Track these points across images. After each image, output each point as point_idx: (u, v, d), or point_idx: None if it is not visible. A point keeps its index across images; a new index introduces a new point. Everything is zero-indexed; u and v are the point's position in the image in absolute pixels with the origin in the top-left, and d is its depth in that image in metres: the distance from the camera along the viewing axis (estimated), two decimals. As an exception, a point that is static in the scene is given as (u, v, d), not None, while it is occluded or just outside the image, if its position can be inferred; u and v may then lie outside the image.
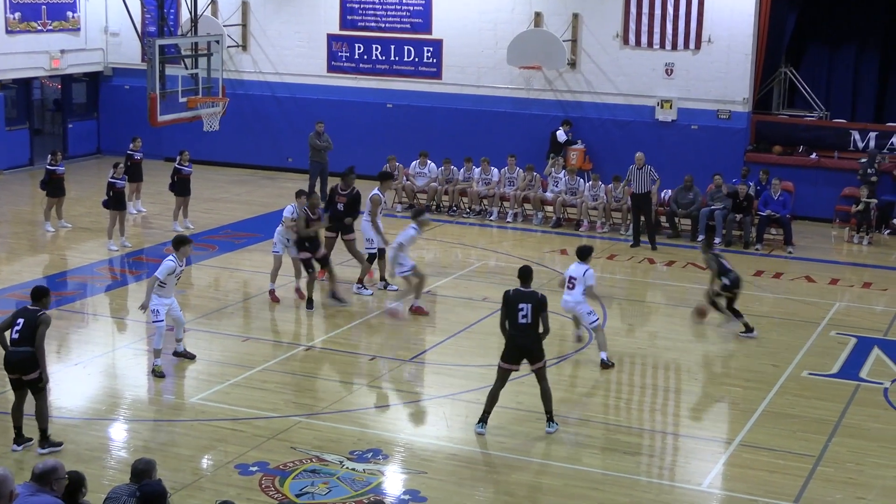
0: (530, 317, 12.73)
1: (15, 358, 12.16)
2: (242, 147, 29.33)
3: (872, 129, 24.92)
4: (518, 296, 12.87)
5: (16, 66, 28.16)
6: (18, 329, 12.12)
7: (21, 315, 12.25)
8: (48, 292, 12.56)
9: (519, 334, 12.85)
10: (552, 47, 25.61)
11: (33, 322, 12.10)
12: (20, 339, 12.11)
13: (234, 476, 11.85)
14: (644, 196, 22.37)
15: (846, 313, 18.57)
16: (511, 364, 13.02)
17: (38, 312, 12.22)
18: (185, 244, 15.09)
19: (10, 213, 24.45)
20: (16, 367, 12.19)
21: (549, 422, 13.24)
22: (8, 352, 12.24)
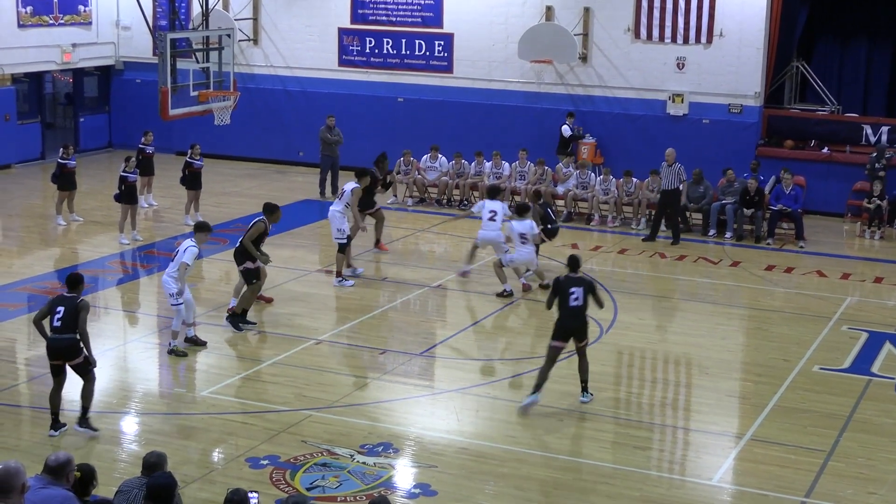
0: (582, 299, 13.72)
1: (59, 345, 12.36)
2: (253, 141, 29.36)
3: (885, 123, 24.85)
4: (569, 281, 13.80)
5: (27, 59, 28.23)
6: (60, 317, 12.30)
7: (60, 303, 12.42)
8: (83, 279, 12.82)
9: (570, 316, 13.72)
10: (563, 41, 25.56)
11: (73, 309, 12.29)
12: (63, 327, 12.30)
13: (244, 469, 11.88)
14: (673, 193, 22.34)
15: (858, 308, 18.53)
16: (560, 341, 13.81)
17: (76, 299, 12.42)
18: (205, 230, 15.65)
19: (22, 206, 24.51)
20: (60, 354, 12.40)
21: (584, 392, 14.05)
22: (51, 339, 12.41)
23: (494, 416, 13.67)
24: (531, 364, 15.32)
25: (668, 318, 18.07)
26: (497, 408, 13.89)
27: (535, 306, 18.12)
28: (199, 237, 15.47)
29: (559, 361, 15.34)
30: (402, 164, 25.37)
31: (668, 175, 22.34)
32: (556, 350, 13.82)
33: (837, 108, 25.94)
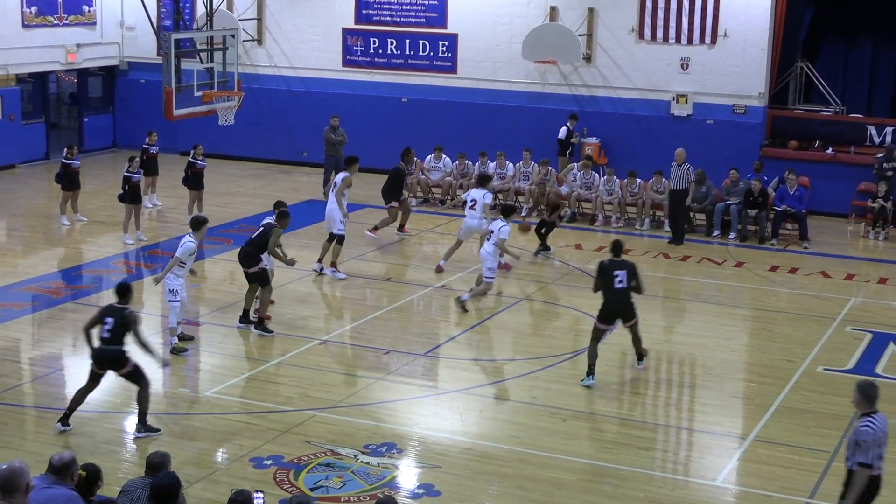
0: (626, 282, 14.34)
1: (105, 356, 12.42)
2: (257, 141, 29.38)
3: (889, 123, 24.82)
4: (613, 265, 14.46)
5: (32, 60, 28.26)
6: (109, 328, 12.33)
7: (109, 314, 12.44)
8: (131, 289, 12.82)
9: (615, 298, 14.41)
10: (567, 42, 25.54)
11: (122, 321, 12.32)
12: (111, 338, 12.35)
13: (248, 469, 11.88)
14: (681, 193, 22.35)
15: (862, 309, 18.52)
16: (605, 324, 14.53)
17: (124, 311, 12.44)
18: (204, 224, 15.57)
19: (26, 206, 24.54)
20: (106, 365, 12.48)
21: (640, 360, 15.04)
22: (98, 349, 12.45)
23: (498, 417, 13.68)
24: (534, 364, 15.33)
25: (672, 319, 18.06)
26: (501, 408, 13.90)
27: (536, 306, 18.13)
28: (198, 233, 15.42)
29: (563, 363, 15.37)
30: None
31: (677, 175, 22.31)
32: (600, 331, 14.55)
33: (842, 108, 25.91)
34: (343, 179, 19.52)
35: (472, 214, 19.38)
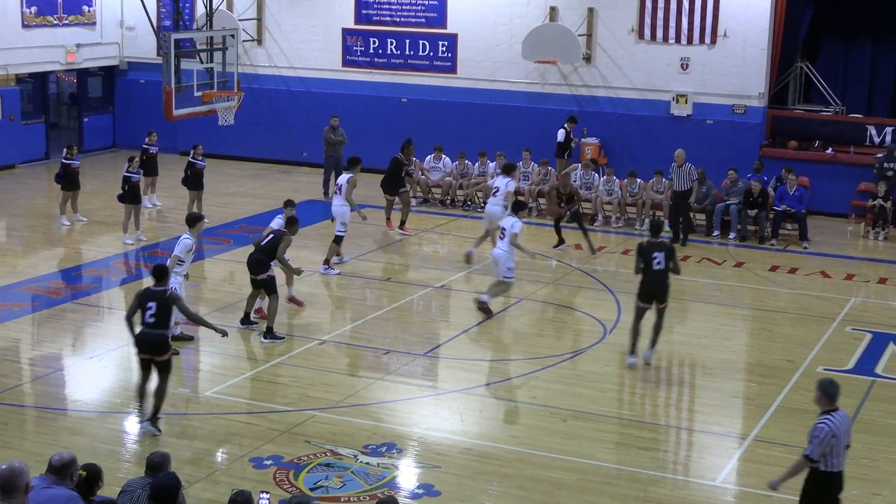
0: (664, 263, 14.82)
1: (150, 339, 12.47)
2: (257, 141, 29.37)
3: (889, 123, 24.82)
4: (651, 246, 14.94)
5: (32, 60, 28.25)
6: (153, 312, 12.38)
7: (150, 298, 12.48)
8: (168, 270, 12.96)
9: (653, 279, 14.90)
10: (567, 42, 25.55)
11: (165, 303, 12.40)
12: (156, 322, 12.42)
13: (248, 469, 11.88)
14: (684, 194, 22.36)
15: (862, 309, 18.52)
16: (645, 303, 15.01)
17: (165, 293, 12.53)
18: (199, 220, 15.60)
19: (26, 206, 24.53)
20: (149, 349, 12.50)
21: (651, 347, 15.30)
22: (142, 333, 12.50)
23: (498, 417, 13.68)
24: (534, 364, 15.33)
25: (672, 319, 17.96)
26: (501, 408, 13.90)
27: (536, 306, 18.13)
28: (194, 230, 15.38)
29: (563, 363, 15.38)
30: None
31: (679, 176, 22.30)
32: (642, 310, 15.04)
33: (842, 108, 25.91)
34: (349, 181, 19.58)
35: (494, 201, 19.93)
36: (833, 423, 9.54)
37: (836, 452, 9.58)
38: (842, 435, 9.59)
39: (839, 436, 9.55)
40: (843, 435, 9.61)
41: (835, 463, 9.62)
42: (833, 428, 9.51)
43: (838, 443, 9.56)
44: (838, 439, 9.55)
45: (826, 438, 9.49)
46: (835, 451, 9.58)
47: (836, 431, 9.51)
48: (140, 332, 12.54)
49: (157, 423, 12.67)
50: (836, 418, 9.59)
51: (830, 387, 9.71)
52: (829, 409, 9.65)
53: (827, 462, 9.60)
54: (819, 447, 9.52)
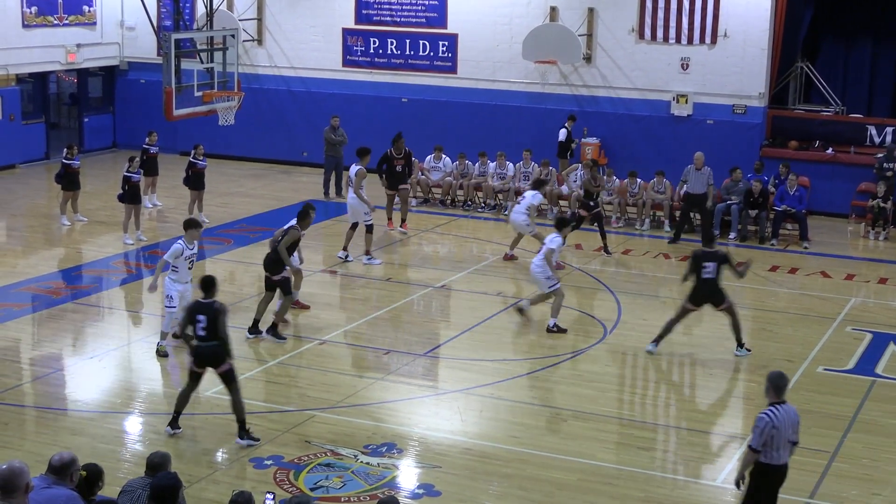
0: (714, 273, 15.28)
1: (206, 353, 12.39)
2: (258, 141, 29.38)
3: (889, 123, 24.81)
4: (704, 255, 15.37)
5: (32, 60, 28.25)
6: (203, 326, 12.30)
7: (199, 311, 12.39)
8: (215, 281, 12.73)
9: (704, 286, 15.36)
10: (567, 42, 25.55)
11: (213, 315, 12.30)
12: (207, 335, 12.32)
13: (248, 469, 11.89)
14: (701, 197, 22.29)
15: (862, 309, 18.52)
16: (694, 305, 15.53)
17: (213, 304, 12.43)
18: (193, 227, 15.32)
19: (26, 206, 24.54)
20: (206, 362, 12.44)
21: (739, 346, 15.74)
22: (197, 347, 12.43)
23: (498, 417, 13.67)
24: (534, 364, 15.33)
25: (672, 319, 18.05)
26: (501, 408, 13.89)
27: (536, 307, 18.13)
28: (186, 234, 15.16)
29: (563, 363, 15.39)
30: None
31: (696, 179, 22.21)
32: (687, 311, 15.55)
33: (842, 108, 25.91)
34: (357, 173, 20.00)
35: (518, 209, 20.14)
36: (774, 415, 9.72)
37: (776, 445, 9.74)
38: (783, 428, 9.74)
39: (780, 428, 9.71)
40: (784, 428, 9.75)
41: (775, 455, 9.78)
42: (773, 419, 9.70)
43: (779, 435, 9.72)
44: (779, 431, 9.71)
45: (766, 429, 9.68)
46: (775, 443, 9.74)
47: (776, 423, 9.70)
48: (196, 346, 12.44)
49: (249, 433, 12.49)
50: (780, 411, 9.77)
51: (779, 380, 9.94)
52: (776, 401, 9.85)
53: (767, 454, 9.76)
54: (759, 437, 9.71)
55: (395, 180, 22.46)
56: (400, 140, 22.61)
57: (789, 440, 9.85)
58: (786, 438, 9.79)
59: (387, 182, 22.50)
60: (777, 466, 9.85)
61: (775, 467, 9.85)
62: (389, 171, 22.45)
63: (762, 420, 9.71)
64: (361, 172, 20.08)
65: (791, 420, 9.85)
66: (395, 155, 22.48)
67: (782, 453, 9.81)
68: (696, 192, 22.34)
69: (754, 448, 9.78)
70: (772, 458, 9.79)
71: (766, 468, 9.85)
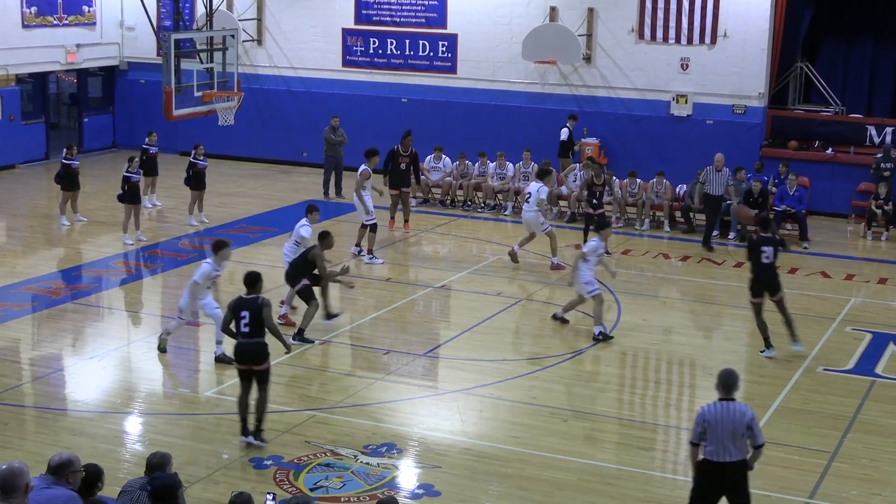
0: (772, 257, 15.35)
1: (249, 350, 12.27)
2: (257, 141, 29.37)
3: (889, 123, 24.82)
4: (761, 240, 15.47)
5: (32, 60, 28.25)
6: (246, 322, 12.19)
7: (243, 307, 12.27)
8: (260, 277, 12.65)
9: (762, 273, 15.46)
10: (567, 42, 25.55)
11: (258, 310, 12.21)
12: (251, 332, 12.23)
13: (248, 470, 11.88)
14: (720, 198, 22.22)
15: (862, 309, 18.52)
16: (757, 298, 15.54)
17: (257, 300, 12.33)
18: (224, 248, 15.03)
19: (26, 206, 24.53)
20: (248, 358, 12.29)
21: (795, 342, 15.78)
22: (239, 344, 12.34)
23: (498, 417, 13.67)
24: (534, 364, 15.33)
25: (672, 319, 18.04)
26: (501, 408, 13.89)
27: (536, 307, 18.13)
28: (217, 256, 14.94)
29: (563, 363, 15.40)
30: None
31: (715, 180, 22.09)
32: (758, 305, 15.54)
33: (842, 108, 25.92)
34: (361, 173, 20.11)
35: (527, 207, 20.08)
36: (710, 410, 9.69)
37: (711, 440, 9.66)
38: (718, 424, 9.63)
39: (713, 423, 9.64)
40: (719, 425, 9.63)
41: (713, 452, 9.70)
42: (707, 413, 9.68)
43: (712, 430, 9.65)
44: (712, 426, 9.64)
45: (698, 421, 9.70)
46: (710, 438, 9.67)
47: (708, 417, 9.67)
48: (237, 344, 12.35)
49: (261, 434, 12.42)
50: (718, 407, 9.70)
51: (727, 378, 9.86)
52: (722, 398, 9.78)
53: (707, 450, 9.73)
54: (694, 430, 9.76)
55: (396, 178, 22.30)
56: (408, 137, 22.54)
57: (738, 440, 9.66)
58: (728, 436, 9.62)
59: (389, 180, 22.34)
60: (715, 463, 9.70)
61: (713, 464, 9.71)
62: (394, 169, 22.30)
63: (698, 413, 9.75)
64: (366, 173, 20.13)
65: (733, 419, 9.65)
66: (401, 152, 22.37)
67: (722, 451, 9.65)
68: (716, 194, 22.17)
69: (691, 441, 9.82)
70: (710, 455, 9.70)
71: (704, 464, 9.80)
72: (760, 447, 9.86)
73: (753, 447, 9.82)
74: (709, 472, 9.80)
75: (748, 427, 9.70)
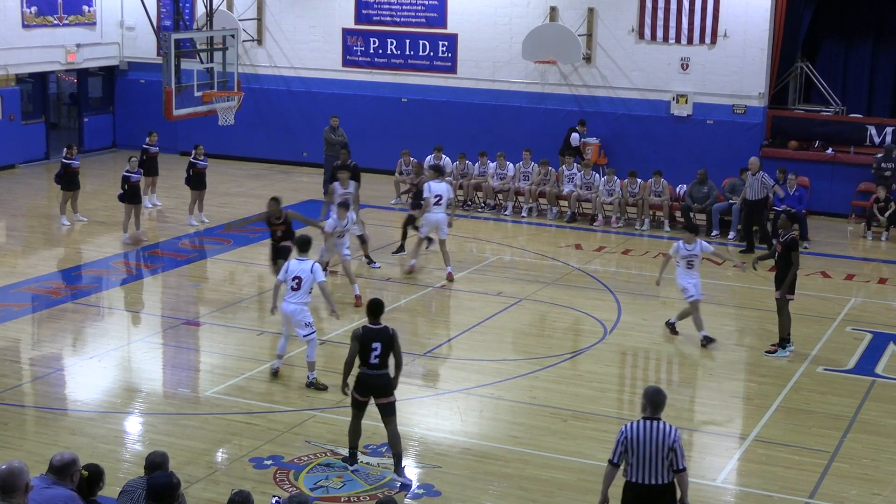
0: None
1: (376, 382, 11.65)
2: (257, 141, 29.38)
3: (889, 123, 24.82)
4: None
5: (32, 60, 28.25)
6: (378, 354, 11.57)
7: (374, 338, 11.60)
8: (383, 304, 12.05)
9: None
10: (567, 42, 25.55)
11: (388, 341, 11.64)
12: (380, 363, 11.64)
13: (248, 469, 11.88)
14: (759, 202, 22.01)
15: (862, 309, 18.52)
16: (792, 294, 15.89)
17: (387, 330, 11.74)
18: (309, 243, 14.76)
19: (26, 206, 24.53)
20: (373, 391, 11.67)
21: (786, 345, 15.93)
22: (369, 375, 11.63)
23: (498, 417, 13.67)
24: (534, 364, 15.33)
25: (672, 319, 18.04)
26: (501, 408, 13.89)
27: (536, 307, 18.12)
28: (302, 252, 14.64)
29: (563, 363, 15.40)
30: (403, 165, 25.36)
31: (752, 184, 21.96)
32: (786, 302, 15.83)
33: (842, 108, 25.91)
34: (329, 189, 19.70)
35: (437, 210, 19.27)
36: (631, 429, 9.12)
37: (635, 461, 9.11)
38: (642, 445, 9.07)
39: (634, 443, 9.07)
40: (643, 445, 9.07)
41: (635, 474, 9.17)
42: (627, 432, 9.12)
43: (635, 451, 9.09)
44: (634, 447, 9.08)
45: (619, 440, 9.15)
46: (633, 459, 9.11)
47: (629, 435, 9.09)
48: (363, 374, 11.61)
49: (404, 470, 11.84)
50: (642, 427, 9.11)
51: (654, 396, 9.24)
52: (648, 417, 9.18)
53: (629, 471, 9.21)
54: (614, 449, 9.22)
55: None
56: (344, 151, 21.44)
57: (663, 463, 9.06)
58: (653, 457, 9.04)
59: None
60: (638, 485, 9.14)
61: (636, 486, 9.15)
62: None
63: (619, 432, 9.17)
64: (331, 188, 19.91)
65: (657, 440, 9.04)
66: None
67: (646, 473, 9.08)
68: (754, 199, 21.91)
69: (610, 460, 9.25)
70: (632, 476, 9.15)
71: (627, 486, 9.25)
72: (682, 471, 9.13)
73: (675, 471, 9.12)
74: (633, 495, 9.22)
75: (671, 449, 9.08)
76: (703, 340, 16.21)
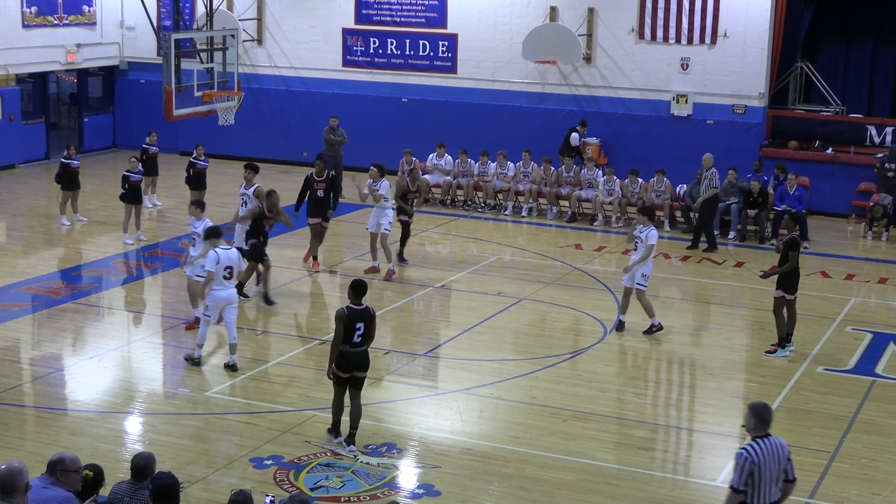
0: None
1: (359, 358, 12.24)
2: (257, 141, 29.36)
3: (889, 123, 24.83)
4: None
5: (32, 60, 28.25)
6: (361, 333, 12.09)
7: (358, 318, 12.07)
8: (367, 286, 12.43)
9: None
10: (567, 42, 25.55)
11: (370, 320, 12.16)
12: (362, 342, 12.18)
13: (248, 469, 11.88)
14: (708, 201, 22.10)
15: (862, 309, 18.52)
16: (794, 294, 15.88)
17: (369, 310, 12.22)
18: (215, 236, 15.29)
19: (26, 206, 24.53)
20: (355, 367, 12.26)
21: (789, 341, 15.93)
22: (354, 353, 12.16)
23: (498, 417, 13.67)
24: (534, 364, 15.33)
25: (672, 319, 18.02)
26: (501, 408, 13.89)
27: (536, 307, 18.13)
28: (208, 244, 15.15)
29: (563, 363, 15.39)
30: (405, 164, 25.33)
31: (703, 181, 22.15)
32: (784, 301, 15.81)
33: (842, 108, 25.91)
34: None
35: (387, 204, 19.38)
36: (755, 452, 8.72)
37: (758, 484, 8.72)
38: (766, 467, 8.72)
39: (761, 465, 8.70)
40: (767, 466, 8.73)
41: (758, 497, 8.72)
42: (753, 456, 8.70)
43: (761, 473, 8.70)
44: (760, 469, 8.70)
45: (745, 465, 8.70)
46: (757, 482, 8.71)
47: (756, 458, 8.69)
48: (347, 353, 12.11)
49: (353, 440, 12.43)
50: (763, 446, 8.78)
51: (763, 412, 8.95)
52: (759, 435, 8.84)
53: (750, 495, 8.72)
54: (740, 475, 8.70)
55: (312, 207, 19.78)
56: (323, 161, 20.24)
57: (781, 478, 8.84)
58: (773, 477, 8.76)
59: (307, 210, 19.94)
60: None
61: None
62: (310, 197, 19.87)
63: (740, 455, 8.68)
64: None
65: (777, 456, 8.80)
66: (315, 178, 19.83)
67: (769, 492, 8.75)
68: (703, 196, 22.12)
69: (736, 488, 8.68)
70: (755, 499, 8.70)
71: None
72: (794, 482, 8.99)
73: (786, 481, 8.92)
74: None
75: (788, 460, 8.92)
76: (618, 325, 16.68)
